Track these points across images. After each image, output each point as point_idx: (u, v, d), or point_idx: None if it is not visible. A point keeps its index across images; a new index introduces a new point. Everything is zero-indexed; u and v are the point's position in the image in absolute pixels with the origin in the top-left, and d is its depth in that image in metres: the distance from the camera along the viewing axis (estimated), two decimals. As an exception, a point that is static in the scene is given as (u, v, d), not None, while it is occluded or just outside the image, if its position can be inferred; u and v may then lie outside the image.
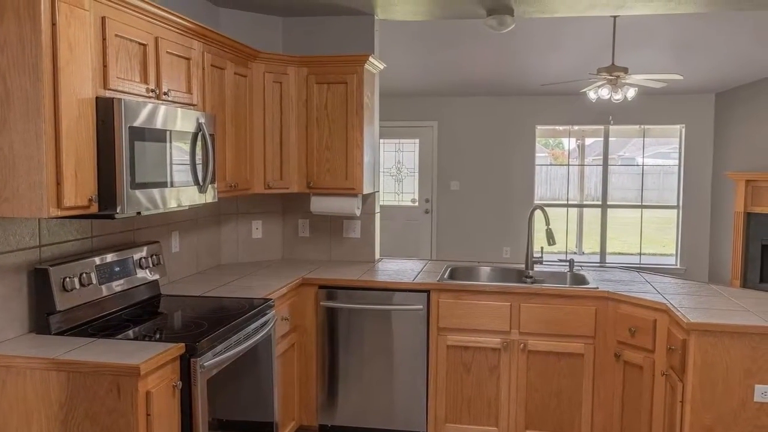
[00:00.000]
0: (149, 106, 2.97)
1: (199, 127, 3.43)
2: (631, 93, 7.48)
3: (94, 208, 2.76)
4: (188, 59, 3.53)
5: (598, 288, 4.17)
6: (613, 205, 10.72)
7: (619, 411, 4.07)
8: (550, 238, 4.53)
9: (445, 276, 4.56)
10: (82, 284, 3.10)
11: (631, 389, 3.97)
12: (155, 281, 3.78)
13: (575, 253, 11.00)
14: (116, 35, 2.88)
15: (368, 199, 5.17)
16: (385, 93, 9.73)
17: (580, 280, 4.60)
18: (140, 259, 3.61)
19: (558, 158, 12.60)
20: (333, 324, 4.47)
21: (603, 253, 10.69)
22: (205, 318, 3.30)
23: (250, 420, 3.49)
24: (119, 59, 2.91)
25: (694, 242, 10.19)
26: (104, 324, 3.16)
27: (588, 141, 11.04)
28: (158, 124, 3.04)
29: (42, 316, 2.95)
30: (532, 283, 4.62)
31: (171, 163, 3.18)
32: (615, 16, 6.58)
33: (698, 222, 10.14)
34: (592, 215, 10.82)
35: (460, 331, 4.31)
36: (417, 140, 10.74)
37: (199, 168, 3.46)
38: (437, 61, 8.59)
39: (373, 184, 5.09)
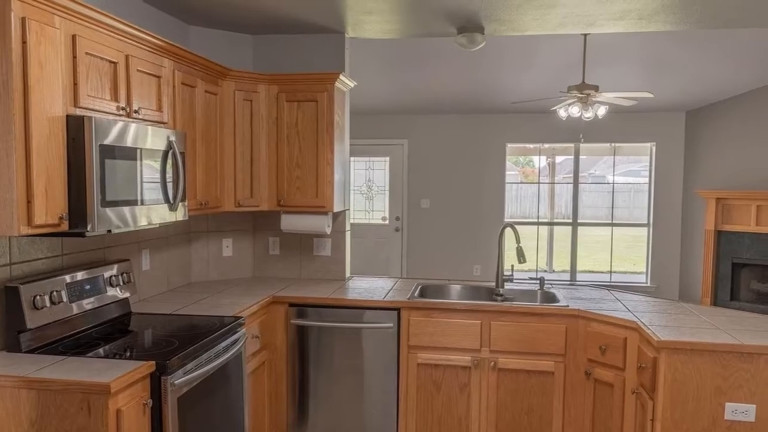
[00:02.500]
0: (120, 124, 2.97)
1: (169, 145, 3.43)
2: (601, 111, 7.52)
3: (65, 226, 2.75)
4: (159, 77, 3.53)
5: (568, 306, 4.20)
6: (584, 223, 10.78)
7: (590, 429, 4.09)
8: (521, 256, 4.56)
9: (416, 294, 4.57)
10: (52, 302, 3.08)
11: (601, 407, 4.00)
12: (126, 299, 3.75)
13: (546, 271, 11.05)
14: (87, 53, 2.87)
15: (339, 217, 5.18)
16: (356, 111, 9.79)
17: (550, 298, 4.63)
18: (111, 277, 3.59)
19: (528, 176, 12.67)
20: (303, 342, 4.46)
21: (573, 271, 10.75)
22: (176, 336, 3.29)
23: (221, 439, 3.47)
24: (90, 77, 2.91)
25: (664, 260, 10.27)
26: (75, 342, 3.13)
27: (558, 159, 11.11)
28: (129, 142, 3.04)
29: (12, 334, 2.93)
30: (502, 301, 4.65)
31: (141, 181, 3.17)
32: (585, 35, 6.66)
33: (669, 240, 10.23)
34: (562, 233, 10.88)
35: (431, 349, 4.32)
36: (387, 158, 10.77)
37: (170, 186, 3.46)
38: (408, 79, 8.62)
39: (343, 202, 5.10)
